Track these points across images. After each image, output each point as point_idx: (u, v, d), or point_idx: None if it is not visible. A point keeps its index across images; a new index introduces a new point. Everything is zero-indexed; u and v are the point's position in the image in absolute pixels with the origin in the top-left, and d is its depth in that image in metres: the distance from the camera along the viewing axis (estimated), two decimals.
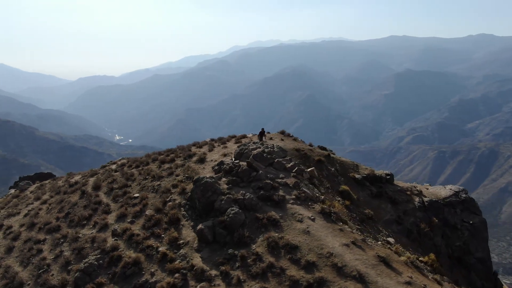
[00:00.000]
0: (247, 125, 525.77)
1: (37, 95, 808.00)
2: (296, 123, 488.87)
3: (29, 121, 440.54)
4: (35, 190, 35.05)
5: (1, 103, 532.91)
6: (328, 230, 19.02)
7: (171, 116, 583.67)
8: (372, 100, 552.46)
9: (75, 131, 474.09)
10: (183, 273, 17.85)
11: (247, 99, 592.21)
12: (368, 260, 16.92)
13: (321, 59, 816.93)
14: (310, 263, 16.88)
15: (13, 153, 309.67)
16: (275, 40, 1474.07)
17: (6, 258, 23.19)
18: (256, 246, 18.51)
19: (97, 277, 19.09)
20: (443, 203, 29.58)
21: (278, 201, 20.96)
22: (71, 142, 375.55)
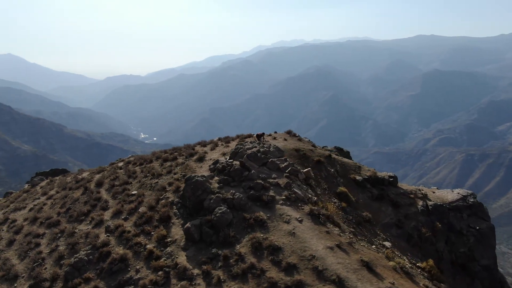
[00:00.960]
0: (270, 124, 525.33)
1: (67, 93, 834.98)
2: (320, 123, 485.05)
3: (59, 119, 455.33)
4: (45, 185, 36.07)
5: (33, 102, 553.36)
6: (314, 232, 18.63)
7: (195, 115, 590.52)
8: (398, 100, 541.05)
9: (102, 129, 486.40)
10: (166, 271, 17.91)
11: (270, 98, 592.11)
12: (351, 264, 16.46)
13: (345, 59, 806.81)
14: (291, 265, 16.59)
15: (44, 149, 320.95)
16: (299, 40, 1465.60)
17: (6, 250, 23.94)
18: (240, 246, 18.36)
19: (86, 272, 19.40)
20: (449, 207, 28.51)
21: (267, 202, 20.72)
22: (97, 140, 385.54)
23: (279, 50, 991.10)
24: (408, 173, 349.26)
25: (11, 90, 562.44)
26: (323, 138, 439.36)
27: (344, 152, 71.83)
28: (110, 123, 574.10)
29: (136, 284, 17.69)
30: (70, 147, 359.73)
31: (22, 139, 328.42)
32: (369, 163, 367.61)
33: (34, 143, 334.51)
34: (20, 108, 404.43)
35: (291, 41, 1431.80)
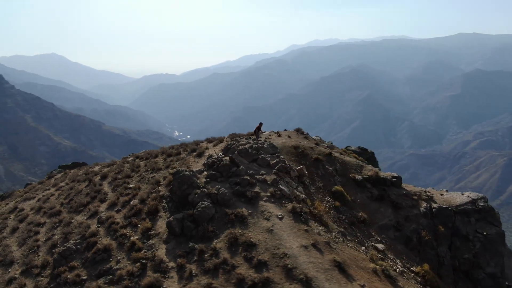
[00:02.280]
0: (303, 124, 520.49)
1: (106, 91, 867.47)
2: (353, 124, 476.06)
3: (98, 116, 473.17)
4: (59, 177, 37.51)
5: (74, 99, 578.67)
6: (292, 230, 18.23)
7: (228, 114, 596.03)
8: (436, 101, 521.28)
9: (138, 126, 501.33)
10: (143, 262, 18.11)
11: (303, 98, 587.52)
12: (322, 264, 15.96)
13: (381, 58, 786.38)
14: (261, 263, 16.31)
15: (83, 145, 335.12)
16: (334, 39, 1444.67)
17: (8, 237, 25.08)
18: (218, 241, 18.26)
19: (72, 261, 19.97)
20: (455, 210, 27.05)
21: (250, 198, 20.51)
22: (133, 137, 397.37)
23: (313, 49, 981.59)
24: (445, 177, 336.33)
25: (54, 88, 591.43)
26: (356, 139, 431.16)
27: (368, 153, 70.27)
28: (146, 121, 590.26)
29: (113, 274, 18.01)
30: (108, 144, 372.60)
31: (64, 135, 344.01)
32: (403, 165, 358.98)
33: (75, 139, 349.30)
34: (62, 105, 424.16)
35: (326, 40, 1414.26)
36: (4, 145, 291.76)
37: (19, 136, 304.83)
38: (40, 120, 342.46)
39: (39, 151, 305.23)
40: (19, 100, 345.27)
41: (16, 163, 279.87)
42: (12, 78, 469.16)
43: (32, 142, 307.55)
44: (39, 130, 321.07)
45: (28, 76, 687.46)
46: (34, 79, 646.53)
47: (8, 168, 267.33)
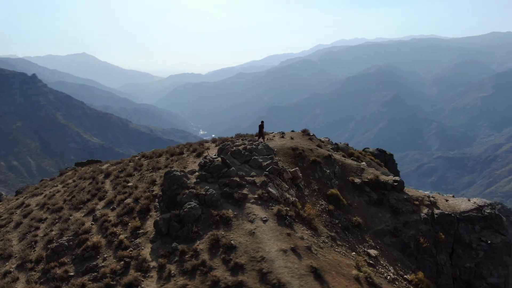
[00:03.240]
0: (327, 124, 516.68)
1: (133, 90, 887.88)
2: (379, 125, 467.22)
3: (125, 114, 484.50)
4: (70, 174, 38.57)
5: (103, 97, 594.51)
6: (274, 233, 17.99)
7: (253, 113, 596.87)
8: (466, 102, 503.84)
9: (163, 125, 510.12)
10: (126, 261, 18.33)
11: (328, 98, 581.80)
12: (298, 270, 15.66)
13: (409, 58, 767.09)
14: (238, 266, 16.19)
15: (110, 142, 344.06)
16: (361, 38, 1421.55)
17: (11, 232, 25.98)
18: (200, 242, 18.26)
19: (63, 257, 20.46)
20: (459, 217, 26.01)
21: (238, 199, 20.40)
22: (159, 135, 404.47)
23: (339, 49, 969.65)
24: (475, 181, 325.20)
25: (84, 86, 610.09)
26: (382, 140, 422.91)
27: (387, 155, 68.78)
28: (171, 119, 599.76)
29: (98, 272, 18.32)
30: (134, 141, 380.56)
31: (92, 132, 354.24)
32: (431, 168, 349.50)
33: (103, 136, 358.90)
34: (91, 104, 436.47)
35: (352, 40, 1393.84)
36: (37, 141, 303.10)
37: (51, 133, 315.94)
38: (71, 118, 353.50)
39: (69, 148, 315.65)
40: (51, 98, 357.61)
41: (47, 159, 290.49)
42: (45, 77, 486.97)
43: (63, 139, 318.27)
44: (69, 127, 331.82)
45: (60, 75, 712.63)
46: (66, 78, 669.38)
47: (40, 163, 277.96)
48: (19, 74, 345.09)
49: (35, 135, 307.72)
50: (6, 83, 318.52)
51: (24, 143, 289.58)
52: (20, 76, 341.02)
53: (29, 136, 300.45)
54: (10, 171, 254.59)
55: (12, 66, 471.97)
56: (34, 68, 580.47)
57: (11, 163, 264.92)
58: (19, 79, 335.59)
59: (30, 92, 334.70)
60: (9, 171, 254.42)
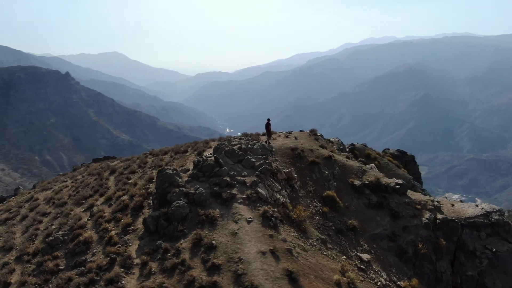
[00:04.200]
0: (354, 124, 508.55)
1: (162, 88, 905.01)
2: (408, 125, 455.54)
3: (153, 111, 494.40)
4: (82, 170, 39.66)
5: (132, 95, 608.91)
6: (257, 234, 17.78)
7: (279, 112, 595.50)
8: (501, 103, 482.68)
9: (190, 123, 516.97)
10: (112, 257, 18.62)
11: (355, 97, 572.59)
12: (274, 272, 15.39)
13: (441, 56, 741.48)
14: (215, 266, 16.10)
15: (139, 139, 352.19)
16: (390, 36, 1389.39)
17: (17, 225, 26.97)
18: (184, 241, 18.30)
19: (57, 251, 21.04)
20: (464, 223, 24.88)
21: (225, 199, 20.30)
22: (186, 133, 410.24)
23: (367, 47, 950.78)
24: (509, 184, 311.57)
25: (115, 84, 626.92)
26: (410, 141, 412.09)
27: (407, 156, 67.13)
28: (198, 117, 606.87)
29: (85, 266, 18.71)
30: (162, 138, 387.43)
31: (122, 129, 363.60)
32: (462, 170, 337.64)
33: (131, 133, 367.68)
34: (121, 101, 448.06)
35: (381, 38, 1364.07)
36: (69, 137, 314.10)
37: (83, 129, 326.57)
38: (101, 115, 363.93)
39: (99, 144, 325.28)
40: (83, 95, 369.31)
41: (79, 154, 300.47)
42: (78, 75, 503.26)
43: (94, 135, 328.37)
44: (100, 124, 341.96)
45: (92, 73, 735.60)
46: (97, 76, 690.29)
47: (72, 158, 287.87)
48: (53, 72, 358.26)
49: (68, 131, 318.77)
50: (41, 81, 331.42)
51: (57, 139, 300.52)
52: (54, 74, 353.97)
53: (62, 132, 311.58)
54: (44, 165, 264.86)
55: (47, 65, 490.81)
56: (68, 67, 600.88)
57: (45, 158, 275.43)
58: (54, 77, 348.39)
59: (64, 90, 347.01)
60: (43, 165, 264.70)
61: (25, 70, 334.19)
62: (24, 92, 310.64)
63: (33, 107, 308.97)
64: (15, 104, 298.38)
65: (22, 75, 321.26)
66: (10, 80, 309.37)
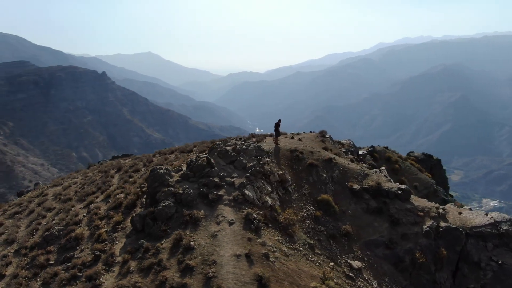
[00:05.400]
0: (387, 126, 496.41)
1: (194, 88, 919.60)
2: (443, 128, 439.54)
3: (185, 111, 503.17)
4: (95, 167, 40.74)
5: (165, 95, 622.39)
6: (235, 237, 17.48)
7: (310, 112, 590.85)
8: None
9: (221, 122, 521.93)
10: (96, 254, 18.91)
11: (388, 99, 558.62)
12: (244, 277, 15.05)
13: (480, 57, 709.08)
14: (189, 268, 15.97)
15: (171, 138, 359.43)
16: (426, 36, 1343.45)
17: (23, 219, 27.97)
18: (166, 241, 18.30)
19: (51, 245, 21.63)
20: (469, 232, 23.46)
21: (212, 200, 20.14)
22: (216, 132, 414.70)
23: (401, 47, 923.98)
24: None
25: (148, 84, 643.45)
26: (445, 144, 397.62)
27: (433, 160, 64.85)
28: (229, 117, 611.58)
29: (71, 262, 19.10)
30: (193, 137, 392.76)
31: (155, 128, 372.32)
32: (501, 176, 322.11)
33: (163, 131, 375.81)
34: (154, 100, 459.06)
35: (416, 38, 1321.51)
36: (105, 135, 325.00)
37: (117, 128, 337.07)
38: (135, 114, 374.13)
39: (132, 142, 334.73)
40: (119, 94, 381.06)
41: (113, 151, 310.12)
42: (114, 75, 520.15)
43: (128, 133, 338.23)
44: (134, 122, 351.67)
45: (127, 73, 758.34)
46: (132, 76, 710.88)
47: (107, 156, 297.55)
48: (91, 72, 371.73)
49: (103, 129, 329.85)
50: (79, 80, 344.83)
51: (93, 136, 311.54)
52: (91, 74, 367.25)
53: (98, 129, 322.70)
54: (80, 161, 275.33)
55: (85, 64, 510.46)
56: (104, 66, 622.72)
57: (82, 154, 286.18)
58: (91, 77, 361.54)
59: (100, 89, 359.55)
60: (80, 161, 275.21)
61: (64, 69, 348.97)
62: (64, 91, 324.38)
63: (71, 106, 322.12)
64: (55, 102, 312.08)
65: (62, 75, 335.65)
66: (51, 80, 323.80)
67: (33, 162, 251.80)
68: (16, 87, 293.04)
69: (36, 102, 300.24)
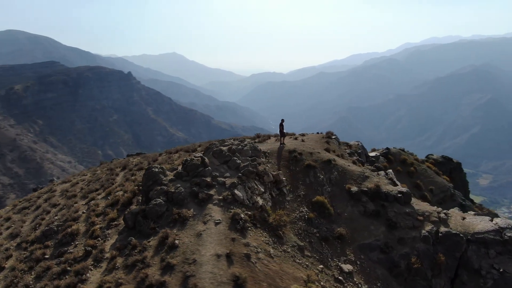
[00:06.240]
0: (412, 128, 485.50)
1: (217, 88, 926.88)
2: (471, 130, 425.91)
3: (208, 111, 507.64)
4: (106, 165, 41.63)
5: (189, 95, 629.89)
6: (220, 237, 17.48)
7: (333, 113, 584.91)
8: None
9: (244, 122, 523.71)
10: (88, 250, 19.33)
11: (414, 100, 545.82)
12: (221, 277, 15.03)
13: None
14: (170, 266, 16.09)
15: (193, 137, 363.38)
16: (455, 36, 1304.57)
17: (30, 214, 28.93)
18: (153, 239, 18.52)
19: (49, 240, 22.27)
20: (471, 238, 22.62)
21: (201, 200, 20.23)
22: (239, 132, 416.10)
23: (429, 47, 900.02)
24: None
25: (173, 84, 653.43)
26: (474, 147, 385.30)
27: (453, 163, 63.12)
28: (251, 117, 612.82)
29: (63, 257, 19.60)
30: (215, 137, 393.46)
31: (178, 127, 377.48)
32: None
33: (186, 131, 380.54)
34: (178, 100, 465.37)
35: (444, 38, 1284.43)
36: (130, 133, 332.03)
37: (142, 126, 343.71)
38: (159, 113, 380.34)
39: (156, 141, 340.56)
40: (143, 94, 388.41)
41: (137, 150, 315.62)
42: (139, 75, 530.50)
43: (151, 132, 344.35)
44: (158, 122, 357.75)
45: (152, 73, 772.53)
46: (157, 76, 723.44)
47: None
48: (117, 72, 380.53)
49: (128, 128, 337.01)
50: (105, 80, 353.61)
51: (119, 135, 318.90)
52: (118, 74, 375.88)
53: (123, 128, 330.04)
54: (105, 159, 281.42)
55: (111, 65, 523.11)
56: (130, 67, 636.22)
57: (107, 152, 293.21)
58: (117, 76, 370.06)
59: (126, 88, 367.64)
60: (105, 159, 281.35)
61: (92, 70, 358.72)
62: (91, 90, 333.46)
63: (98, 105, 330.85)
64: (82, 101, 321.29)
65: (90, 75, 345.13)
66: (79, 79, 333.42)
67: (61, 159, 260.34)
68: (46, 86, 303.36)
69: (65, 101, 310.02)
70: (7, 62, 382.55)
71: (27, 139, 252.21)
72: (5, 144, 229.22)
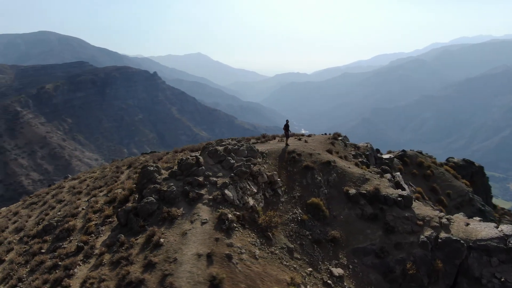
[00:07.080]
0: (438, 130, 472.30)
1: (241, 88, 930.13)
2: (502, 133, 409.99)
3: (232, 111, 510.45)
4: (116, 163, 42.43)
5: (213, 95, 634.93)
6: (204, 236, 17.44)
7: (357, 114, 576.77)
8: None
9: (267, 122, 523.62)
10: (79, 246, 19.72)
11: (441, 101, 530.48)
12: (199, 277, 14.98)
13: None
14: (151, 264, 16.18)
15: (217, 137, 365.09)
16: (486, 35, 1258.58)
17: (36, 209, 29.80)
18: (141, 236, 18.68)
19: (48, 235, 22.88)
20: (472, 245, 21.67)
21: (192, 199, 20.25)
22: (261, 132, 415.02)
23: (458, 47, 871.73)
24: None
25: (197, 84, 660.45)
26: (505, 150, 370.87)
27: (475, 167, 61.26)
28: (275, 118, 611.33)
29: (56, 252, 20.07)
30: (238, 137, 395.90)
31: (202, 127, 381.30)
32: None
33: (210, 130, 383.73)
34: (202, 100, 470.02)
35: (475, 37, 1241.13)
36: (154, 132, 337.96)
37: (166, 126, 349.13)
38: (183, 113, 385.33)
39: (180, 140, 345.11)
40: (168, 94, 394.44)
41: (162, 148, 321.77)
42: (165, 75, 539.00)
43: (176, 131, 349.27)
44: (182, 121, 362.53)
45: (177, 73, 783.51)
46: (182, 76, 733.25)
47: None
48: (143, 72, 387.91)
49: (153, 127, 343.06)
50: (132, 79, 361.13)
51: (144, 134, 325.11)
52: (143, 74, 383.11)
53: (148, 127, 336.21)
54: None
55: (138, 65, 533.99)
56: (156, 67, 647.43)
57: (132, 150, 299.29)
58: (143, 76, 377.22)
59: (151, 88, 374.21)
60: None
61: (119, 70, 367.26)
62: (118, 90, 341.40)
63: (124, 104, 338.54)
64: (109, 101, 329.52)
65: (117, 74, 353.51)
66: (107, 79, 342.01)
67: (88, 157, 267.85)
68: (76, 86, 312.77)
69: (93, 101, 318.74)
70: (38, 62, 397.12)
71: (56, 136, 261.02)
72: (36, 141, 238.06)
